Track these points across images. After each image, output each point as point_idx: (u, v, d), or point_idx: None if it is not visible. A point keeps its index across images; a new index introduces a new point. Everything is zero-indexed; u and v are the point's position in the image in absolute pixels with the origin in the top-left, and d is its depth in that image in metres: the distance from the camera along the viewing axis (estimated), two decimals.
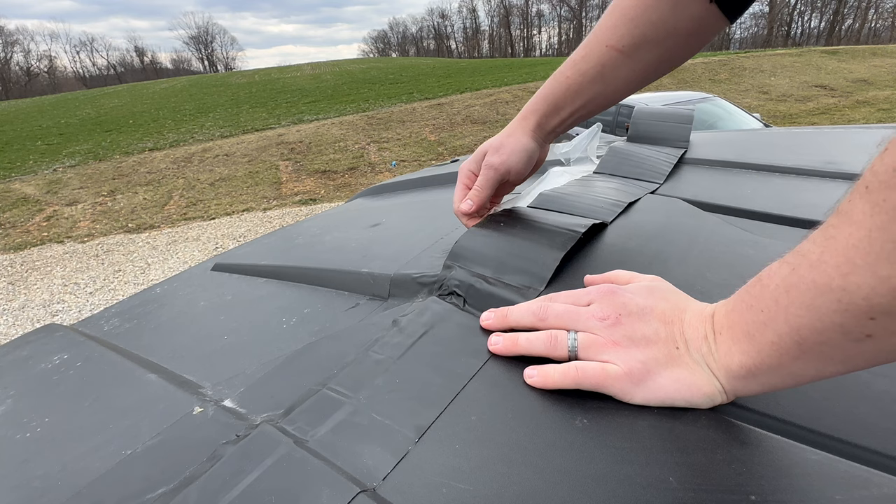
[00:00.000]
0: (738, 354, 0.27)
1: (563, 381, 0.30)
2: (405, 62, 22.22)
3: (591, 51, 0.48)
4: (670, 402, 0.29)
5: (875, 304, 0.20)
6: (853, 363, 0.23)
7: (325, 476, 0.25)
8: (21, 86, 55.12)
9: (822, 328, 0.22)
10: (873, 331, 0.21)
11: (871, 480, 0.22)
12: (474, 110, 10.45)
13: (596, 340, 0.31)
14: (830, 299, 0.22)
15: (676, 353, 0.29)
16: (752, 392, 0.27)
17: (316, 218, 0.75)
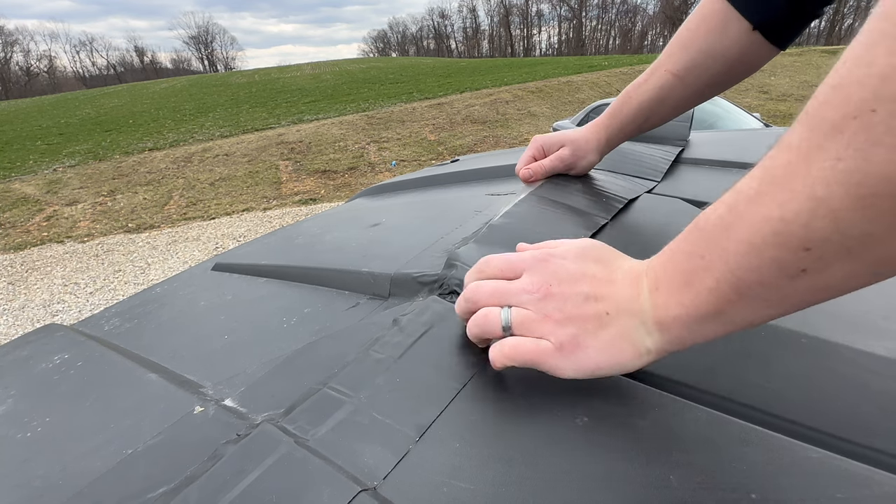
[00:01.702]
0: (674, 307, 0.26)
1: (502, 359, 0.30)
2: (405, 62, 22.21)
3: (652, 75, 0.56)
4: (599, 372, 0.28)
5: (813, 229, 0.20)
6: (786, 304, 0.23)
7: (326, 475, 0.25)
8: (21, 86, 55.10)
9: (759, 265, 0.22)
10: (808, 264, 0.21)
11: (872, 479, 0.22)
12: (474, 110, 10.45)
13: (528, 316, 0.30)
14: (768, 232, 0.21)
15: (606, 319, 0.29)
16: (683, 347, 0.27)
17: (316, 218, 0.74)
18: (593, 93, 12.26)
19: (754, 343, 0.31)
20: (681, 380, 0.30)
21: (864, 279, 0.21)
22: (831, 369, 0.29)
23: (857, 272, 0.20)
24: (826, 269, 0.20)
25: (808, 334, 0.31)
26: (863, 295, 0.35)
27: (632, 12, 59.43)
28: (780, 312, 0.24)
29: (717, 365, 0.30)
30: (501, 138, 9.09)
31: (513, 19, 64.94)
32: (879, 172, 0.18)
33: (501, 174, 0.82)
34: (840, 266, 0.20)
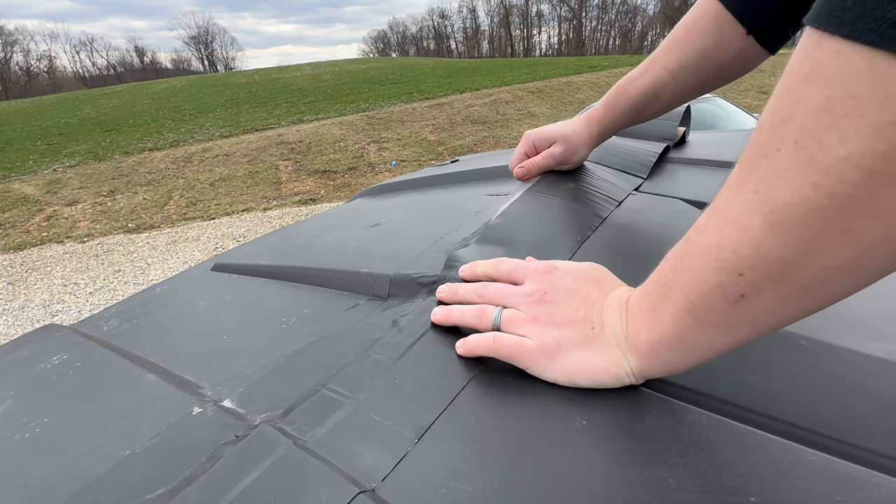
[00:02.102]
0: (644, 332, 0.28)
1: (481, 347, 0.32)
2: (405, 62, 22.22)
3: (648, 69, 0.56)
4: (576, 381, 0.30)
5: (742, 255, 0.22)
6: (737, 331, 0.24)
7: (325, 476, 0.25)
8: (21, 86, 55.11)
9: (705, 290, 0.24)
10: (744, 289, 0.22)
11: (871, 481, 0.22)
12: (474, 110, 10.45)
13: (518, 315, 0.33)
14: (710, 258, 0.24)
15: (591, 334, 0.31)
16: (660, 373, 0.29)
17: (316, 218, 0.74)
18: (593, 93, 12.27)
19: (753, 346, 0.31)
20: (680, 383, 0.30)
21: (799, 303, 0.22)
22: (830, 372, 0.29)
23: (788, 296, 0.22)
24: (760, 293, 0.22)
25: (807, 337, 0.31)
26: (861, 297, 0.35)
27: (632, 13, 59.47)
28: (735, 339, 0.25)
29: (717, 368, 0.30)
30: (501, 138, 9.10)
31: (513, 20, 64.98)
32: (784, 200, 0.20)
33: (501, 174, 0.82)
34: (771, 290, 0.22)
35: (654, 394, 0.29)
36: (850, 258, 0.20)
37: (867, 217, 0.18)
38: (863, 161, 0.17)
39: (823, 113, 0.18)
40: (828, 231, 0.19)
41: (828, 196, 0.19)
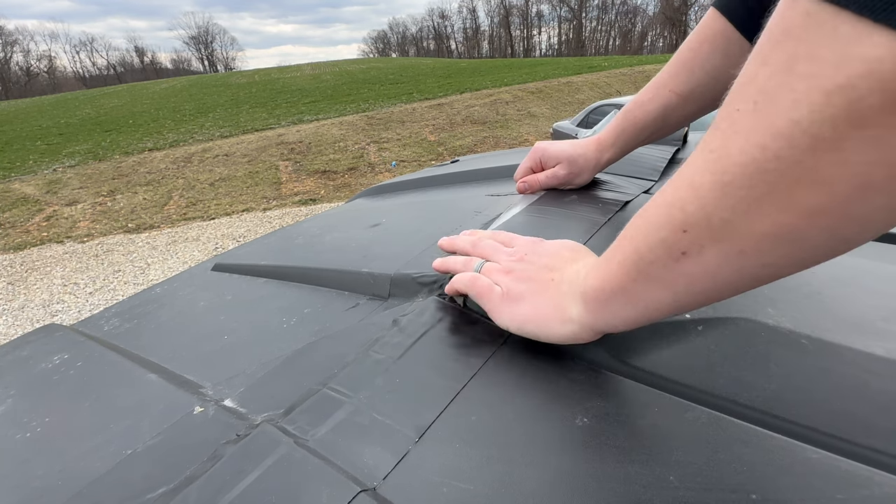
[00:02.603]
0: (591, 278, 0.30)
1: (461, 281, 0.37)
2: (405, 62, 22.22)
3: (656, 94, 0.56)
4: (524, 328, 0.33)
5: (688, 213, 0.23)
6: (676, 289, 0.25)
7: (326, 475, 0.25)
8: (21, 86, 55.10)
9: (651, 243, 0.25)
10: (686, 247, 0.23)
11: (872, 479, 0.22)
12: (474, 110, 10.45)
13: (496, 267, 0.37)
14: (661, 214, 0.25)
15: (550, 285, 0.33)
16: (604, 324, 0.30)
17: (316, 218, 0.74)
18: (593, 93, 12.27)
19: (754, 345, 0.31)
20: (681, 380, 0.30)
21: (735, 269, 0.23)
22: (831, 370, 0.29)
23: (726, 259, 0.22)
24: (700, 252, 0.23)
25: (808, 335, 0.31)
26: (863, 296, 0.35)
27: (632, 13, 59.48)
28: (673, 299, 0.26)
29: (717, 365, 0.30)
30: (501, 139, 9.10)
31: (513, 20, 64.99)
32: (734, 160, 0.20)
33: (501, 175, 0.82)
34: (710, 250, 0.22)
35: (655, 391, 0.29)
36: (785, 226, 0.20)
37: (807, 185, 0.18)
38: (811, 126, 0.17)
39: (784, 73, 0.18)
40: (769, 195, 0.20)
41: (774, 159, 0.19)
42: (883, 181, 0.17)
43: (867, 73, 0.16)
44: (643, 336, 0.33)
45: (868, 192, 0.18)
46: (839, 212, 0.19)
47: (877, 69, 0.16)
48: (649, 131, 0.59)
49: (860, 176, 0.17)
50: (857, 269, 0.39)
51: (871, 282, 0.37)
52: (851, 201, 0.18)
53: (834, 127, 0.17)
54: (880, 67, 0.16)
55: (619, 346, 0.33)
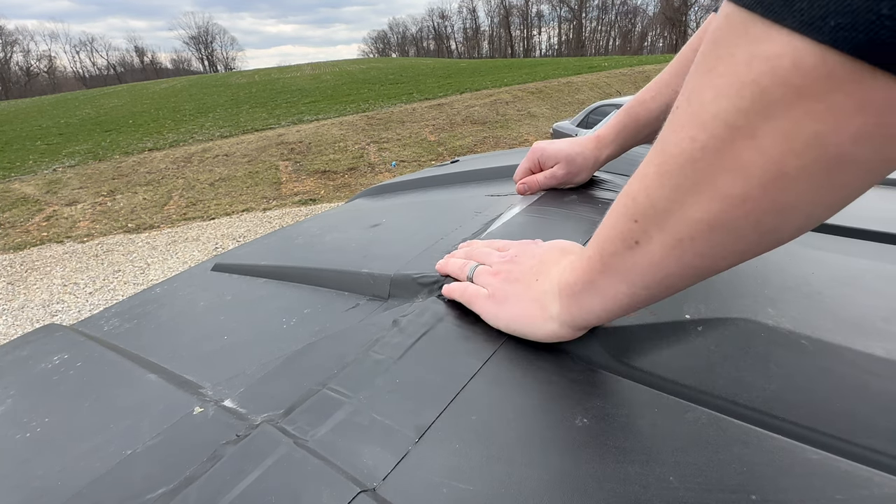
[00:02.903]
0: (567, 274, 0.31)
1: (455, 291, 0.39)
2: (405, 62, 22.22)
3: (659, 92, 0.57)
4: (511, 327, 0.34)
5: (639, 202, 0.24)
6: (632, 280, 0.26)
7: (326, 476, 0.25)
8: (21, 86, 55.10)
9: (612, 235, 0.26)
10: (638, 235, 0.25)
11: (872, 480, 0.22)
12: (474, 111, 10.45)
13: (487, 270, 0.38)
14: (619, 206, 0.26)
15: (534, 285, 0.34)
16: (582, 319, 0.30)
17: (316, 218, 0.74)
18: (593, 94, 12.27)
19: (754, 345, 0.31)
20: (681, 380, 0.30)
21: (677, 258, 0.24)
22: (831, 370, 0.29)
23: (668, 248, 0.24)
24: (649, 241, 0.24)
25: (807, 336, 0.31)
26: (863, 296, 0.35)
27: (632, 13, 59.48)
28: (631, 290, 0.27)
29: (717, 366, 0.30)
30: (501, 139, 9.10)
31: (513, 20, 64.99)
32: (670, 151, 0.22)
33: (501, 175, 0.82)
34: (656, 239, 0.24)
35: (655, 391, 0.29)
36: (714, 212, 0.21)
37: (729, 172, 0.20)
38: (728, 117, 0.19)
39: (709, 73, 0.20)
40: (698, 183, 0.21)
41: (700, 149, 0.21)
42: (795, 171, 0.18)
43: (770, 69, 0.17)
44: (643, 336, 0.33)
45: (783, 180, 0.19)
46: (760, 200, 0.20)
47: (777, 65, 0.17)
48: (650, 129, 0.59)
49: (775, 164, 0.19)
50: (857, 269, 0.39)
51: (871, 282, 0.37)
52: (769, 189, 0.19)
53: (747, 118, 0.18)
54: (780, 63, 0.17)
55: (619, 347, 0.33)
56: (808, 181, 0.19)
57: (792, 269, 0.39)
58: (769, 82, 0.17)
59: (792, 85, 0.17)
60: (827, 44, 0.16)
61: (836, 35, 0.15)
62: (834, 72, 0.16)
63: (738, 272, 0.39)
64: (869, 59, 0.15)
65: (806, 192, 0.19)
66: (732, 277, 0.39)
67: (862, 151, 0.17)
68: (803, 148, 0.18)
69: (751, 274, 0.39)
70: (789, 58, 0.17)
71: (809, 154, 0.18)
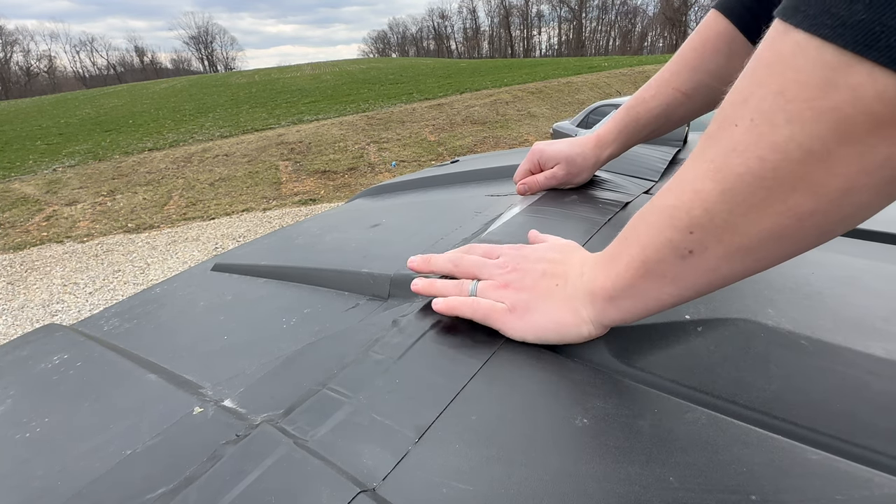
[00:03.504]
0: (601, 279, 0.31)
1: (463, 307, 0.36)
2: (405, 62, 22.22)
3: (659, 91, 0.57)
4: (543, 336, 0.33)
5: (694, 216, 0.25)
6: (681, 283, 0.27)
7: (325, 476, 0.25)
8: (21, 86, 55.09)
9: (658, 245, 0.27)
10: (693, 245, 0.25)
11: (872, 480, 0.22)
12: (474, 111, 10.46)
13: (492, 283, 0.36)
14: (666, 216, 0.27)
15: (555, 290, 0.34)
16: (616, 319, 0.31)
17: (316, 218, 0.75)
18: (593, 94, 12.27)
19: (754, 344, 0.31)
20: (681, 381, 0.30)
21: (736, 264, 0.25)
22: (831, 371, 0.29)
23: (728, 255, 0.25)
24: (705, 251, 0.25)
25: (807, 336, 0.31)
26: (863, 296, 0.35)
27: (631, 13, 59.49)
28: (678, 292, 0.28)
29: (717, 366, 0.30)
30: (501, 139, 9.10)
31: (513, 20, 65.00)
32: (734, 171, 0.23)
33: (501, 175, 0.82)
34: (714, 249, 0.25)
35: (655, 392, 0.29)
36: (783, 227, 0.22)
37: (801, 191, 0.21)
38: (804, 142, 0.20)
39: (778, 96, 0.21)
40: (767, 200, 0.22)
41: (771, 170, 0.21)
42: (864, 187, 0.20)
43: (852, 99, 0.18)
44: (643, 337, 0.33)
45: (851, 195, 0.20)
46: (828, 213, 0.21)
47: (861, 95, 0.18)
48: (651, 128, 0.59)
49: (846, 182, 0.20)
50: (857, 269, 0.39)
51: (871, 282, 0.37)
52: (837, 204, 0.21)
53: (823, 142, 0.19)
54: (863, 94, 0.18)
55: (619, 347, 0.33)
56: (872, 194, 0.20)
57: (792, 269, 0.39)
58: (851, 111, 0.18)
59: (873, 114, 0.18)
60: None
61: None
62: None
63: None
64: None
65: (868, 203, 0.21)
66: None
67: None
68: (875, 168, 0.19)
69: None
70: (874, 89, 0.18)
71: (880, 173, 0.19)
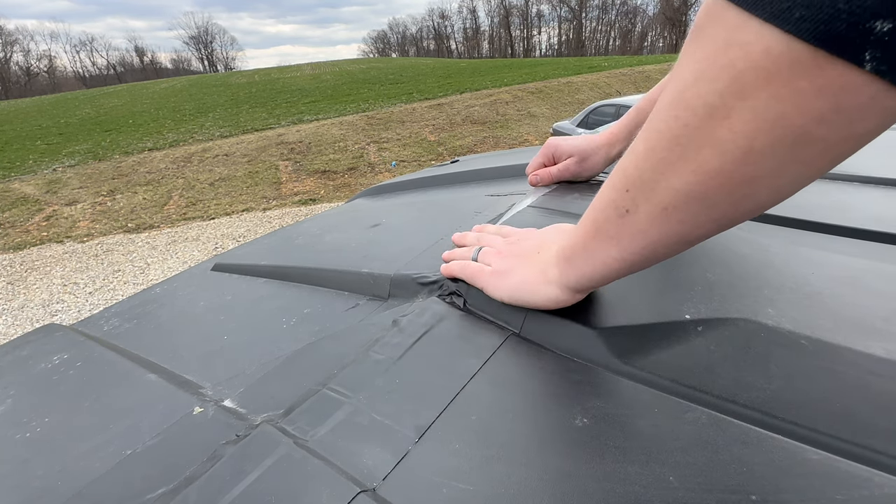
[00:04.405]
0: (563, 242, 0.34)
1: (454, 268, 0.41)
2: (405, 62, 22.22)
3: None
4: (515, 296, 0.36)
5: (628, 175, 0.27)
6: (622, 244, 0.29)
7: (326, 476, 0.25)
8: (21, 85, 55.09)
9: (604, 204, 0.29)
10: (628, 204, 0.27)
11: (872, 480, 0.22)
12: (474, 111, 10.46)
13: (490, 251, 0.41)
14: (613, 178, 0.28)
15: (534, 258, 0.37)
16: (573, 280, 0.33)
17: (316, 218, 0.74)
18: (593, 94, 12.28)
19: (754, 344, 0.31)
20: (681, 380, 0.30)
21: (661, 225, 0.26)
22: (831, 370, 0.29)
23: (654, 216, 0.26)
24: (637, 209, 0.27)
25: (807, 336, 0.31)
26: (863, 296, 0.35)
27: (632, 13, 59.47)
28: (621, 255, 0.29)
29: (717, 366, 0.30)
30: (501, 139, 9.10)
31: (513, 20, 64.98)
32: (656, 128, 0.24)
33: (501, 175, 0.82)
34: (643, 207, 0.26)
35: (655, 391, 0.29)
36: (693, 184, 0.23)
37: (706, 148, 0.22)
38: (707, 98, 0.21)
39: (691, 56, 0.22)
40: (682, 158, 0.23)
41: (682, 125, 0.23)
42: (763, 147, 0.20)
43: (744, 54, 0.19)
44: (643, 336, 0.33)
45: (752, 155, 0.21)
46: (732, 173, 0.22)
47: (750, 51, 0.19)
48: None
49: (745, 141, 0.21)
50: (857, 269, 0.39)
51: (871, 282, 0.37)
52: (740, 164, 0.22)
53: (722, 98, 0.20)
54: (752, 49, 0.19)
55: (619, 347, 0.33)
56: (773, 156, 0.21)
57: (792, 269, 0.39)
58: (743, 66, 0.19)
59: (762, 69, 0.19)
60: (792, 33, 0.18)
61: (800, 26, 0.17)
62: (798, 59, 0.18)
63: (739, 272, 0.39)
64: (827, 48, 0.17)
65: (772, 167, 0.21)
66: (732, 277, 0.39)
67: (821, 131, 0.19)
68: (770, 127, 0.20)
69: (751, 274, 0.39)
70: (761, 45, 0.19)
71: (775, 132, 0.20)
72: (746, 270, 0.39)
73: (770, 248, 0.43)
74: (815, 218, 0.50)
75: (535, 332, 0.36)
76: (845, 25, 0.16)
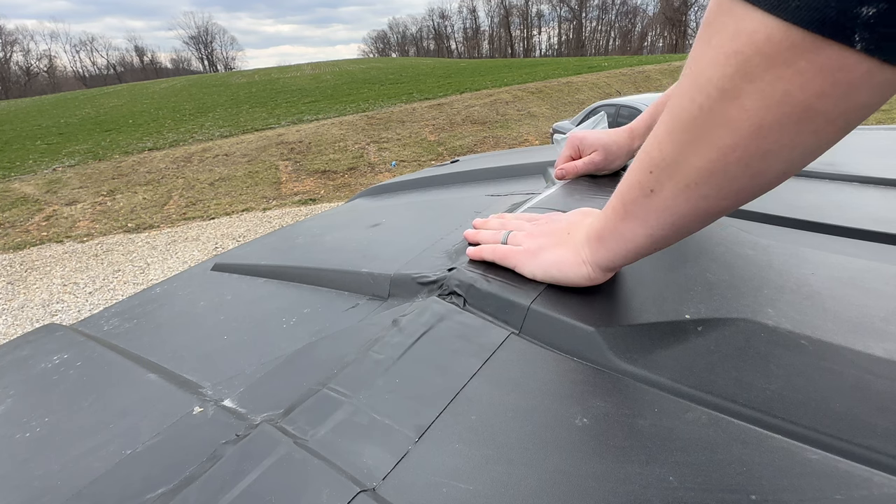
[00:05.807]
0: (595, 224, 0.36)
1: (484, 251, 0.43)
2: (405, 62, 22.22)
3: None
4: (549, 273, 0.38)
5: (653, 157, 0.29)
6: (648, 222, 0.31)
7: (325, 476, 0.25)
8: (21, 85, 55.07)
9: (631, 186, 0.31)
10: (653, 184, 0.29)
11: (871, 480, 0.22)
12: (474, 111, 10.46)
13: (519, 234, 0.43)
14: (638, 162, 0.30)
15: (566, 238, 0.39)
16: (604, 259, 0.35)
17: (316, 218, 0.75)
18: (593, 93, 12.28)
19: (754, 344, 0.31)
20: (681, 380, 0.30)
21: (686, 201, 0.28)
22: (831, 371, 0.29)
23: (677, 192, 0.28)
24: (662, 188, 0.29)
25: (807, 336, 0.31)
26: (863, 297, 0.35)
27: (631, 13, 59.46)
28: (648, 232, 0.31)
29: (717, 366, 0.30)
30: (501, 139, 9.10)
31: (513, 20, 64.97)
32: (675, 113, 0.27)
33: (501, 175, 0.82)
34: (667, 186, 0.28)
35: (655, 391, 0.29)
36: (713, 161, 0.25)
37: (721, 126, 0.24)
38: (719, 82, 0.23)
39: (704, 44, 0.24)
40: (699, 137, 0.25)
41: (698, 108, 0.25)
42: (771, 123, 0.23)
43: (749, 42, 0.21)
44: (643, 336, 0.33)
45: (763, 131, 0.23)
46: (747, 147, 0.24)
47: (755, 38, 0.21)
48: None
49: (756, 118, 0.23)
50: (857, 269, 0.39)
51: (871, 282, 0.37)
52: (753, 139, 0.24)
53: (732, 81, 0.23)
54: (757, 37, 0.21)
55: (620, 346, 0.33)
56: (782, 131, 0.23)
57: (792, 269, 0.39)
58: (749, 52, 0.22)
59: (766, 54, 0.21)
60: (790, 21, 0.20)
61: (797, 14, 0.19)
62: (796, 43, 0.20)
63: (739, 272, 0.39)
64: (822, 32, 0.19)
65: (783, 140, 0.23)
66: (732, 277, 0.39)
67: (823, 105, 0.21)
68: (776, 104, 0.22)
69: (751, 274, 0.39)
70: (763, 32, 0.21)
71: (782, 109, 0.22)
72: (746, 270, 0.39)
73: (770, 248, 0.43)
74: (815, 218, 0.50)
75: (535, 331, 0.36)
76: (835, 12, 0.19)
